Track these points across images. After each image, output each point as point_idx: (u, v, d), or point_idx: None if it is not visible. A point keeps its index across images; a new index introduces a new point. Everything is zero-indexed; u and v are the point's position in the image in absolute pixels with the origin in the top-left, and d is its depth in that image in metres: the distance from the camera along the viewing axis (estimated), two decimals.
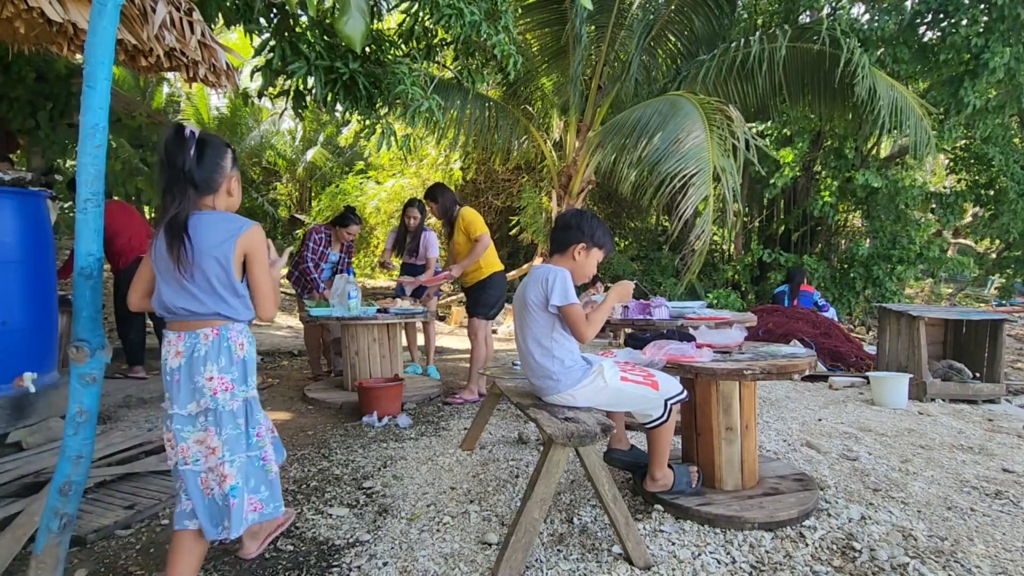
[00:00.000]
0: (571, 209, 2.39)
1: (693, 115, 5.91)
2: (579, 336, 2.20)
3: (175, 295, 1.61)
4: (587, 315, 2.19)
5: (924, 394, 4.36)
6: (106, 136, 1.69)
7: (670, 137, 5.89)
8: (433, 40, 4.21)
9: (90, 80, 1.66)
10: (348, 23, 3.11)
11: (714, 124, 5.77)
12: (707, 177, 5.37)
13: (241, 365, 1.66)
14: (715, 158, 5.49)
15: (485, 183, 11.60)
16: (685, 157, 5.58)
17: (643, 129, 6.28)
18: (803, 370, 2.28)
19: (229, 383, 1.62)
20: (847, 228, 11.30)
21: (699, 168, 5.46)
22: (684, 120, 5.93)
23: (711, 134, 5.64)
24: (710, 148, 5.54)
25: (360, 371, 4.21)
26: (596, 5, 6.62)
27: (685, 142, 5.73)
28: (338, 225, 4.79)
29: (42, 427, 2.99)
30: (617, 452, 2.57)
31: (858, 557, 1.97)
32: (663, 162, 5.73)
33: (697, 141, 5.66)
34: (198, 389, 1.59)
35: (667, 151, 5.80)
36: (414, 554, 2.01)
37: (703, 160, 5.48)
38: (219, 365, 1.61)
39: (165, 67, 2.68)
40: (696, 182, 5.39)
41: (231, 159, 1.72)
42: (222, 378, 1.61)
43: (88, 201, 1.68)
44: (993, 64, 6.84)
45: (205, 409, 1.60)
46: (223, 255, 1.61)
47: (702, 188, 5.34)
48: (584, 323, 2.16)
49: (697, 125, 5.78)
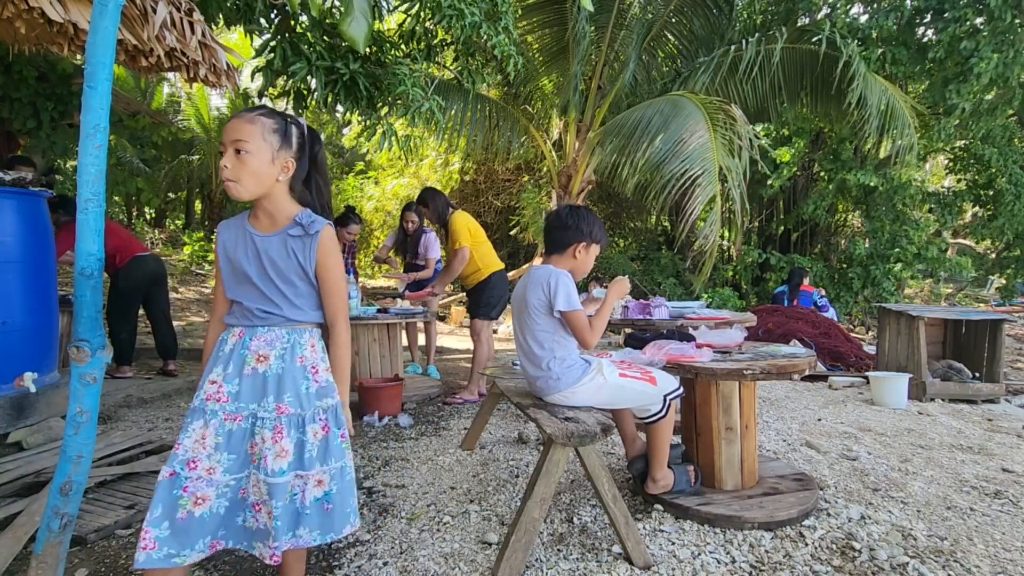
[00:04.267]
0: (563, 207, 2.37)
1: (696, 115, 5.90)
2: (583, 343, 2.21)
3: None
4: (590, 320, 2.20)
5: (924, 394, 4.37)
6: (107, 136, 1.69)
7: (674, 137, 5.87)
8: (433, 41, 4.22)
9: (91, 80, 1.66)
10: (351, 24, 3.11)
11: (717, 124, 5.76)
12: (712, 178, 5.36)
13: None
14: (720, 158, 5.48)
15: (485, 183, 11.61)
16: (690, 158, 5.57)
17: (645, 130, 6.27)
18: (803, 370, 2.29)
19: None
20: (846, 228, 11.31)
21: (704, 169, 5.45)
22: (687, 120, 5.92)
23: (715, 134, 5.64)
24: (714, 148, 5.54)
25: (360, 371, 4.22)
26: (596, 5, 6.62)
27: (689, 142, 5.72)
28: (338, 225, 4.79)
29: (42, 427, 2.99)
30: (639, 461, 2.44)
31: (858, 557, 1.97)
32: (667, 163, 5.72)
33: (701, 141, 5.65)
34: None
35: (672, 151, 5.78)
36: (414, 554, 2.02)
37: (708, 161, 5.47)
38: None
39: (166, 67, 2.68)
40: (702, 183, 5.38)
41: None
42: None
43: (89, 201, 1.68)
44: (979, 69, 6.83)
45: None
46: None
47: (708, 189, 5.34)
48: (588, 330, 2.17)
49: (700, 125, 5.78)
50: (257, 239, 1.49)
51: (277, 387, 1.44)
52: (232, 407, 1.43)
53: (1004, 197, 8.59)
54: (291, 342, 1.48)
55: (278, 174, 1.48)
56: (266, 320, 1.48)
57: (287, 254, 1.47)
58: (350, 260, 5.00)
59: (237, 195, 1.45)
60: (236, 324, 1.50)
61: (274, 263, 1.47)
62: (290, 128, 1.50)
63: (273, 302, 1.48)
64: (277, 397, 1.44)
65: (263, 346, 1.46)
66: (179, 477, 1.38)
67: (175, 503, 1.37)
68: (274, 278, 1.47)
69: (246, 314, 1.49)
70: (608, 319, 2.33)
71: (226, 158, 1.43)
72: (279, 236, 1.49)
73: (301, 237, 1.48)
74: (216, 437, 1.41)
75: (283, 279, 1.48)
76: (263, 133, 1.44)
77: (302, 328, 1.51)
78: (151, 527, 1.34)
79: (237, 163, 1.42)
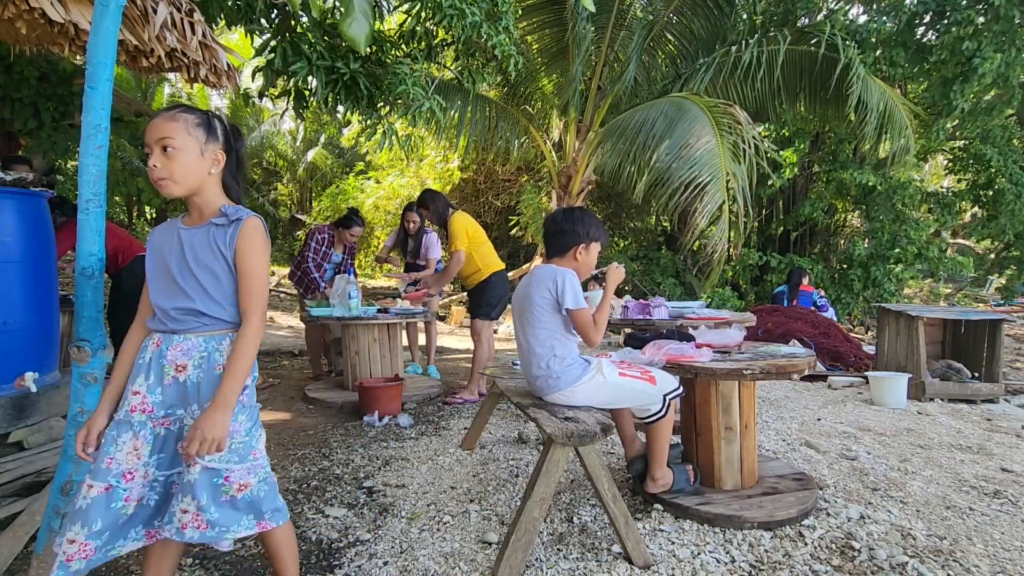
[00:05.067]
0: (558, 211, 2.38)
1: (701, 119, 5.86)
2: (588, 341, 2.23)
3: None
4: (593, 318, 2.21)
5: (923, 394, 4.37)
6: (108, 136, 1.70)
7: (680, 142, 5.82)
8: (434, 41, 4.22)
9: (92, 80, 1.67)
10: (352, 25, 3.11)
11: (723, 128, 5.74)
12: (720, 184, 5.35)
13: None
14: (726, 163, 5.47)
15: (485, 183, 11.61)
16: (698, 164, 5.53)
17: (649, 132, 6.24)
18: (802, 370, 2.29)
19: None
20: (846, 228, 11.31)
21: (712, 175, 5.42)
22: (693, 124, 5.87)
23: (721, 139, 5.61)
24: (721, 154, 5.51)
25: (360, 371, 4.22)
26: (596, 6, 6.61)
27: (695, 147, 5.68)
28: (341, 227, 4.80)
29: (43, 427, 2.99)
30: (638, 461, 2.45)
31: (857, 556, 1.97)
32: (675, 169, 5.68)
33: (708, 147, 5.62)
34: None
35: (678, 156, 5.74)
36: (414, 553, 2.02)
37: (715, 167, 5.44)
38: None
39: (166, 67, 2.68)
40: (710, 190, 5.36)
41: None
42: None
43: (90, 201, 1.69)
44: (983, 69, 6.85)
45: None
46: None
47: (716, 196, 5.31)
48: (592, 328, 2.19)
49: (706, 129, 5.74)
50: (183, 233, 1.48)
51: (198, 395, 1.44)
52: (160, 413, 1.44)
53: (1004, 197, 8.60)
54: (208, 351, 1.45)
55: (209, 167, 1.47)
56: (182, 324, 1.44)
57: (209, 244, 1.45)
58: (350, 261, 4.99)
59: (169, 192, 1.43)
60: (156, 329, 1.48)
61: (196, 253, 1.45)
62: (213, 122, 1.50)
63: (189, 296, 1.44)
64: (200, 405, 1.43)
65: (180, 356, 1.44)
66: (117, 490, 1.38)
67: (117, 513, 1.38)
68: (194, 268, 1.44)
69: (164, 318, 1.46)
70: (609, 312, 2.34)
71: (153, 158, 1.42)
72: (204, 227, 1.47)
73: (224, 226, 1.46)
74: (148, 445, 1.42)
75: (203, 268, 1.44)
76: (187, 128, 1.43)
77: (220, 335, 1.47)
78: (92, 540, 1.35)
79: (166, 160, 1.41)
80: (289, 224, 17.70)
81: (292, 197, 19.37)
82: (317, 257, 4.73)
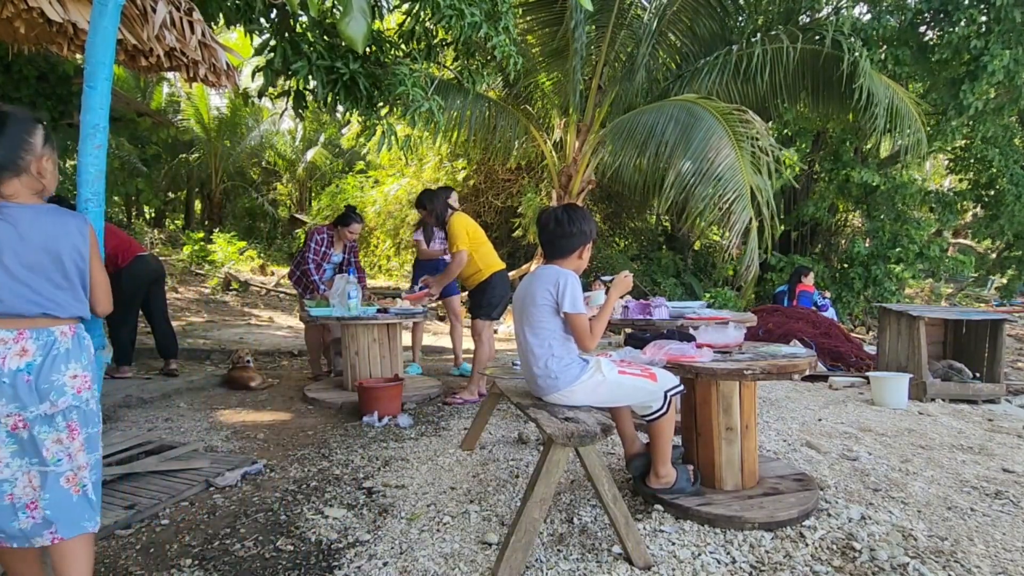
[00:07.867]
0: (558, 212, 2.36)
1: (718, 130, 5.72)
2: (582, 346, 2.24)
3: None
4: (590, 323, 2.21)
5: (924, 394, 4.36)
6: (106, 136, 1.69)
7: (698, 155, 5.67)
8: (433, 40, 4.22)
9: (91, 80, 1.66)
10: (350, 24, 3.10)
11: (741, 139, 5.63)
12: (746, 202, 5.25)
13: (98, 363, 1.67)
14: (748, 177, 5.38)
15: (485, 183, 11.60)
16: (722, 180, 5.40)
17: (660, 140, 6.12)
18: (803, 370, 2.29)
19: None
20: (847, 228, 11.30)
21: (737, 193, 5.30)
22: (709, 136, 5.73)
23: (740, 151, 5.50)
24: (743, 168, 5.38)
25: (360, 371, 4.21)
26: (596, 5, 6.61)
27: (716, 162, 5.55)
28: (340, 225, 4.78)
29: None
30: (637, 459, 2.44)
31: (858, 557, 1.97)
32: (699, 186, 5.53)
33: (728, 161, 5.48)
34: (57, 388, 1.51)
35: (699, 171, 5.60)
36: (414, 554, 2.01)
37: (739, 184, 5.31)
38: (82, 363, 1.56)
39: (165, 67, 2.68)
40: (736, 208, 5.28)
41: (42, 137, 1.54)
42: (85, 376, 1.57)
43: (89, 201, 1.69)
44: (992, 67, 6.85)
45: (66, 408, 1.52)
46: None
47: (744, 215, 5.23)
48: (588, 335, 2.20)
49: (724, 141, 5.61)
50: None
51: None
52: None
53: (1005, 197, 8.60)
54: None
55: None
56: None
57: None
58: (352, 260, 4.97)
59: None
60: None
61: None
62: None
63: None
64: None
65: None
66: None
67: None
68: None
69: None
70: (607, 321, 2.33)
71: None
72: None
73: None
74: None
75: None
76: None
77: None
78: None
79: None
80: (288, 224, 17.70)
81: (291, 197, 19.36)
82: (317, 258, 4.72)
